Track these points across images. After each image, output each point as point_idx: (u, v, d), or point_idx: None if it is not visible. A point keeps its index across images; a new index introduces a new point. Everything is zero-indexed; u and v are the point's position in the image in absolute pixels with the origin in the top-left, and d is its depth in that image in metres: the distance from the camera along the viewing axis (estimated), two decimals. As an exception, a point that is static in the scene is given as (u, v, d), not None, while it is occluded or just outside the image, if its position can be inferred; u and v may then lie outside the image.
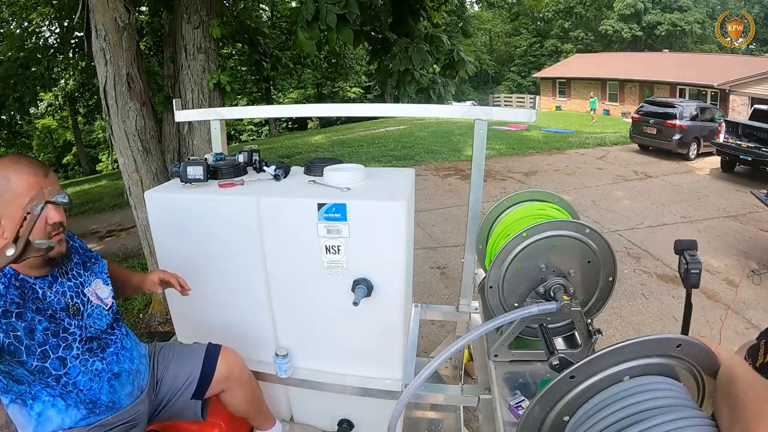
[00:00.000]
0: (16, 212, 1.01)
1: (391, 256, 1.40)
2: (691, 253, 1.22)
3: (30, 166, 1.06)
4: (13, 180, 1.03)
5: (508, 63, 37.42)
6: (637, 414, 0.61)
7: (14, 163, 1.05)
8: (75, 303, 1.20)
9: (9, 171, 1.04)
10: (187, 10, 3.82)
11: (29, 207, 0.97)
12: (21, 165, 1.05)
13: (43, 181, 1.06)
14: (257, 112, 2.24)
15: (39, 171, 1.07)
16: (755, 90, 16.46)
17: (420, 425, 2.01)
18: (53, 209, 1.06)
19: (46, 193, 0.98)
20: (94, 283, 1.28)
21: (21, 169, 1.05)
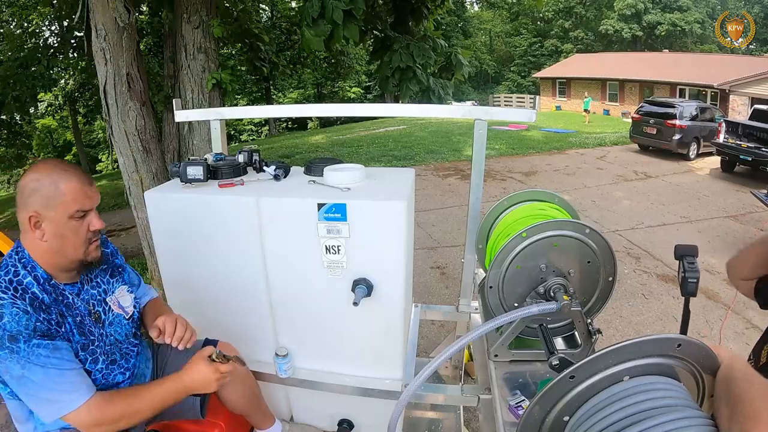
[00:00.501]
0: (60, 217, 1.05)
1: (391, 256, 1.40)
2: (690, 260, 1.20)
3: (77, 174, 1.09)
4: (61, 186, 1.05)
5: (508, 63, 37.42)
6: (637, 414, 0.61)
7: (62, 170, 1.07)
8: (96, 311, 1.20)
9: (57, 176, 1.06)
10: (187, 10, 3.82)
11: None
12: (69, 173, 1.08)
13: (88, 190, 1.10)
14: (257, 112, 2.24)
15: (85, 180, 1.10)
16: (755, 90, 16.46)
17: (420, 425, 2.01)
18: (95, 217, 1.12)
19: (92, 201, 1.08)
20: (117, 291, 1.29)
21: (69, 176, 1.07)
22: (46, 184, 1.05)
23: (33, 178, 1.05)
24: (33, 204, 1.05)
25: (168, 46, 5.42)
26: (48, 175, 1.05)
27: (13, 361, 0.98)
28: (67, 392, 1.03)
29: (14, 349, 0.98)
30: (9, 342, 0.97)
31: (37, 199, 1.05)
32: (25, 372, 0.99)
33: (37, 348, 1.00)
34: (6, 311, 0.99)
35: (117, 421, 1.07)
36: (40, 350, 1.00)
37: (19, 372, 0.99)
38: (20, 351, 0.98)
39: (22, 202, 1.06)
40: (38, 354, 1.00)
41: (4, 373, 1.00)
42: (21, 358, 0.98)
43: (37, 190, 1.05)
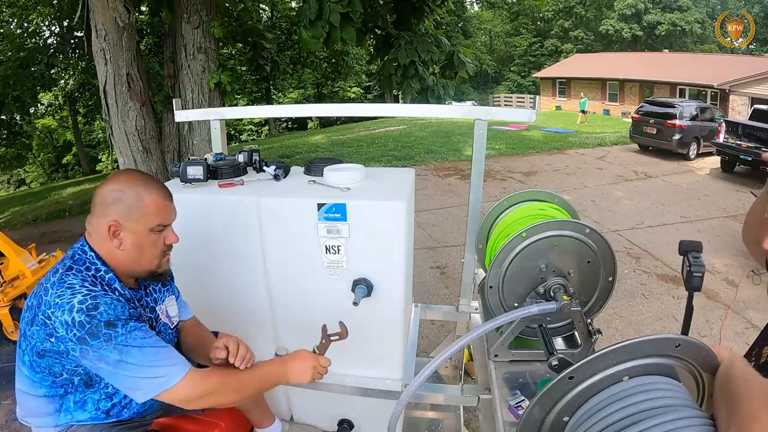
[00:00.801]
0: (141, 229, 1.09)
1: (391, 256, 1.40)
2: (695, 255, 1.20)
3: (160, 188, 1.13)
4: (145, 199, 1.08)
5: (508, 63, 37.43)
6: (637, 414, 0.61)
7: (146, 184, 1.10)
8: (149, 318, 1.22)
9: (141, 190, 1.09)
10: (187, 10, 3.83)
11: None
12: (152, 186, 1.11)
13: (170, 205, 1.15)
14: (257, 112, 2.24)
15: (167, 195, 1.15)
16: (755, 90, 16.46)
17: (420, 425, 2.01)
18: (172, 231, 1.16)
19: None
20: (167, 300, 1.31)
21: (152, 190, 1.10)
22: (130, 196, 1.07)
23: (116, 188, 1.08)
24: (114, 213, 1.07)
25: (168, 46, 5.43)
26: (132, 187, 1.08)
27: (110, 347, 0.99)
28: (167, 367, 1.04)
29: (112, 335, 0.99)
30: (106, 328, 0.99)
31: (119, 209, 1.07)
32: (123, 356, 1.00)
33: (134, 330, 1.02)
34: (101, 301, 1.00)
35: (210, 395, 1.08)
36: (137, 332, 1.02)
37: (116, 357, 0.99)
38: (118, 336, 1.00)
39: (101, 211, 1.08)
40: (135, 336, 1.02)
41: (97, 362, 1.00)
42: (119, 343, 0.99)
43: (120, 201, 1.07)
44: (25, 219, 8.01)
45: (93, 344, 0.98)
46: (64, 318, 0.97)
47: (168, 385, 1.03)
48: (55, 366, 1.05)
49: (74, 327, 0.97)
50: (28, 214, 8.38)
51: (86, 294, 1.00)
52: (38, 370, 1.06)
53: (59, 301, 0.99)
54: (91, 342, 0.98)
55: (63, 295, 0.99)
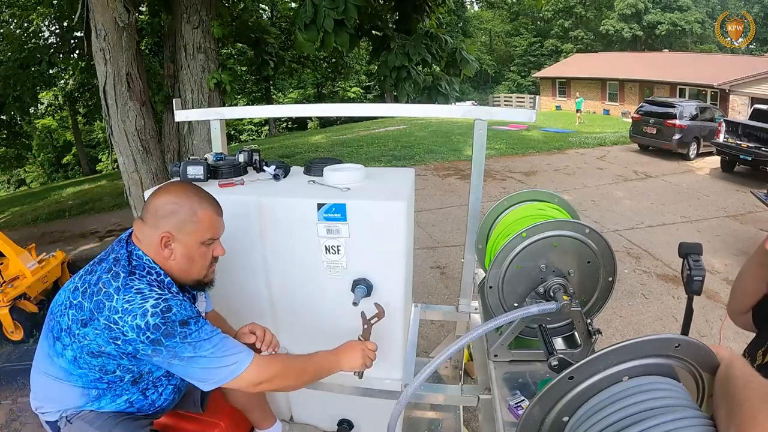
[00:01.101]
0: (193, 242, 1.13)
1: (391, 256, 1.40)
2: (695, 258, 1.18)
3: (212, 203, 1.17)
4: (199, 213, 1.13)
5: (508, 63, 37.43)
6: (637, 414, 0.61)
7: (200, 198, 1.14)
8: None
9: (196, 204, 1.13)
10: (187, 10, 3.83)
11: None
12: (205, 201, 1.15)
13: (221, 220, 1.19)
14: (257, 112, 2.24)
15: (219, 210, 1.19)
16: (755, 90, 16.46)
17: (420, 425, 2.01)
18: (220, 245, 1.21)
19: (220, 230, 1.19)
20: (199, 298, 1.35)
21: (205, 205, 1.14)
22: (185, 210, 1.11)
23: (171, 200, 1.11)
24: (167, 225, 1.11)
25: (168, 46, 5.43)
26: (187, 201, 1.12)
27: (185, 345, 1.03)
28: (235, 354, 1.09)
29: (187, 332, 1.04)
30: (181, 327, 1.03)
31: (172, 221, 1.11)
32: (197, 351, 1.05)
33: (204, 326, 1.08)
34: (172, 303, 1.05)
35: (275, 379, 1.13)
36: (206, 327, 1.08)
37: (191, 353, 1.04)
38: (192, 333, 1.04)
39: (154, 221, 1.11)
40: (205, 330, 1.07)
41: (171, 359, 1.04)
42: (193, 339, 1.04)
43: (175, 213, 1.11)
44: (25, 219, 8.01)
45: (168, 344, 1.02)
46: (136, 323, 1.01)
47: (238, 372, 1.08)
48: (109, 365, 1.08)
49: (148, 330, 1.01)
50: (28, 214, 8.38)
51: (157, 298, 1.04)
52: (84, 366, 1.09)
53: (129, 307, 1.01)
54: (166, 342, 1.02)
55: (133, 301, 1.02)
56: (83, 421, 1.17)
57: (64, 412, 1.18)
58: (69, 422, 1.18)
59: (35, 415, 1.23)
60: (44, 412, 1.20)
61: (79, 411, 1.17)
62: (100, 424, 1.16)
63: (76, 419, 1.17)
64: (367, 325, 1.37)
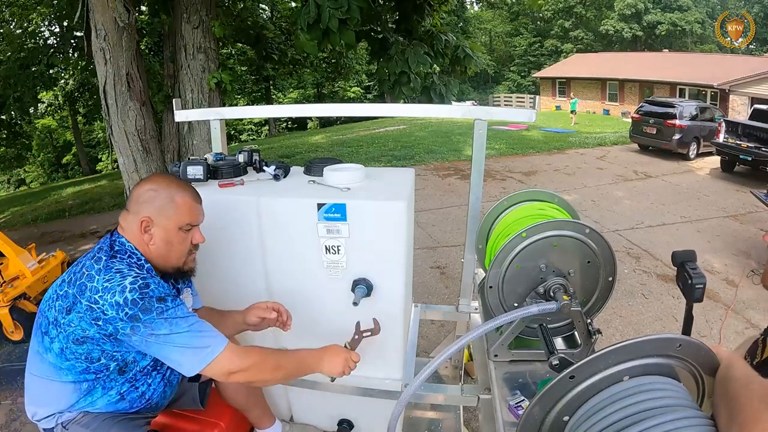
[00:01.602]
0: (171, 226, 1.16)
1: (391, 256, 1.40)
2: (692, 266, 1.17)
3: (191, 192, 1.21)
4: (177, 199, 1.17)
5: (508, 63, 37.42)
6: (637, 414, 0.61)
7: (179, 186, 1.19)
8: None
9: (174, 191, 1.17)
10: (187, 10, 3.83)
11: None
12: (183, 188, 1.19)
13: (199, 207, 1.23)
14: (257, 112, 2.24)
15: (197, 198, 1.23)
16: (755, 90, 16.47)
17: (420, 425, 2.01)
18: (199, 232, 1.24)
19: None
20: (184, 292, 1.36)
21: (184, 192, 1.19)
22: (163, 195, 1.16)
23: (151, 187, 1.16)
24: (146, 210, 1.15)
25: (168, 46, 5.43)
26: (165, 188, 1.16)
27: (161, 320, 1.05)
28: (210, 338, 1.10)
29: (163, 308, 1.06)
30: (158, 302, 1.06)
31: (152, 206, 1.15)
32: (173, 328, 1.06)
33: (180, 305, 1.10)
34: (150, 281, 1.08)
35: (250, 369, 1.13)
36: (183, 307, 1.11)
37: (167, 329, 1.05)
38: (168, 308, 1.07)
39: (135, 207, 1.16)
40: (182, 309, 1.10)
41: (148, 337, 1.05)
42: (169, 315, 1.06)
43: (154, 199, 1.15)
44: (25, 219, 8.01)
45: (145, 319, 1.03)
46: (115, 299, 1.03)
47: (213, 356, 1.08)
48: (94, 351, 1.09)
49: (126, 306, 1.03)
50: (28, 214, 8.38)
51: (136, 276, 1.07)
52: (70, 357, 1.10)
53: (109, 285, 1.04)
54: (143, 317, 1.03)
55: (113, 279, 1.05)
56: (79, 425, 1.16)
57: (59, 417, 1.17)
58: (65, 428, 1.17)
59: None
60: (40, 419, 1.19)
61: (73, 415, 1.17)
62: (96, 426, 1.16)
63: (72, 424, 1.17)
64: (358, 336, 1.36)
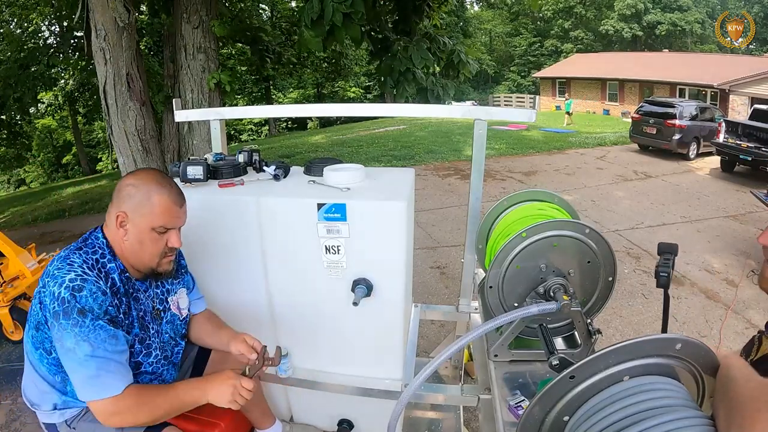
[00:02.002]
0: (144, 225, 1.12)
1: (391, 256, 1.40)
2: (666, 257, 1.29)
3: (171, 192, 1.15)
4: (153, 198, 1.12)
5: (508, 63, 37.42)
6: (637, 414, 0.61)
7: (159, 184, 1.14)
8: (158, 309, 1.26)
9: (153, 190, 1.12)
10: (187, 10, 3.83)
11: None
12: (164, 188, 1.14)
13: (178, 210, 1.17)
14: (257, 112, 2.24)
15: (177, 200, 1.16)
16: (755, 90, 16.47)
17: (420, 425, 2.01)
18: (176, 235, 1.18)
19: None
20: (179, 292, 1.35)
21: (163, 191, 1.13)
22: (141, 192, 1.12)
23: (131, 183, 1.13)
24: (124, 205, 1.12)
25: (168, 46, 5.43)
26: (145, 185, 1.12)
27: (72, 333, 1.01)
28: (106, 379, 1.05)
29: (79, 322, 1.02)
30: (77, 314, 1.02)
31: (129, 202, 1.12)
32: (75, 346, 1.02)
33: (99, 329, 1.04)
34: (87, 286, 1.04)
35: (136, 414, 1.08)
36: (101, 332, 1.04)
37: (71, 345, 1.02)
38: (84, 326, 1.02)
39: (116, 202, 1.14)
40: (97, 335, 1.03)
41: (57, 341, 1.03)
42: (80, 332, 1.01)
43: (132, 196, 1.12)
44: (25, 219, 8.00)
45: (62, 322, 1.01)
46: (53, 289, 1.02)
47: (100, 396, 1.04)
48: (45, 342, 1.09)
49: (57, 300, 1.02)
50: (28, 214, 8.37)
51: (78, 274, 1.04)
52: (37, 345, 1.10)
53: (56, 273, 1.04)
54: (61, 320, 1.01)
55: (62, 269, 1.05)
56: (86, 422, 1.16)
57: (63, 413, 1.17)
58: (71, 427, 1.17)
59: (35, 415, 1.23)
60: (36, 408, 1.20)
61: (77, 411, 1.17)
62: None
63: (79, 421, 1.17)
64: (260, 362, 1.25)
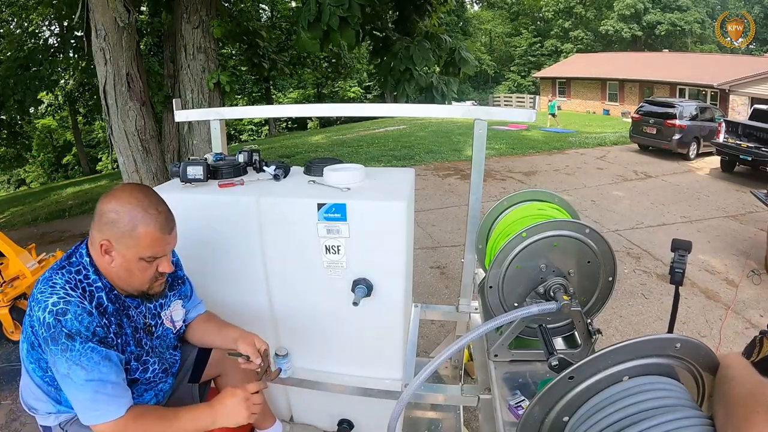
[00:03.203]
0: (131, 256, 1.05)
1: (391, 256, 1.40)
2: (681, 253, 1.29)
3: (158, 220, 1.06)
4: (139, 229, 1.03)
5: (508, 63, 37.40)
6: (637, 414, 0.61)
7: (145, 212, 1.04)
8: (150, 324, 1.22)
9: (138, 218, 1.03)
10: (187, 10, 3.83)
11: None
12: (150, 216, 1.04)
13: (167, 238, 1.08)
14: (257, 112, 2.24)
15: (165, 227, 1.07)
16: (755, 90, 16.47)
17: (420, 425, 2.01)
18: (166, 261, 1.11)
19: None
20: (173, 305, 1.31)
21: (149, 221, 1.04)
22: (125, 221, 1.03)
23: (113, 208, 1.04)
24: (107, 233, 1.04)
25: (168, 46, 5.43)
26: (129, 213, 1.03)
27: (63, 359, 0.99)
28: (105, 403, 1.02)
29: (69, 347, 0.98)
30: (66, 339, 0.98)
31: (111, 231, 1.04)
32: (70, 372, 0.99)
33: (90, 352, 1.00)
34: (71, 309, 1.00)
35: None
36: (93, 354, 1.00)
37: (65, 370, 1.00)
38: (74, 350, 0.99)
39: (98, 225, 1.06)
40: (89, 357, 1.00)
41: (52, 365, 1.02)
42: (71, 357, 0.98)
43: (114, 224, 1.03)
44: (25, 219, 8.00)
45: (52, 348, 0.99)
46: (38, 314, 1.00)
47: (100, 420, 1.02)
48: (41, 361, 1.06)
49: (43, 326, 0.99)
50: (28, 214, 8.37)
51: (61, 297, 1.00)
52: (32, 360, 1.08)
53: (40, 297, 1.01)
54: (51, 345, 0.99)
55: (44, 292, 1.02)
56: (78, 426, 1.14)
57: (57, 417, 1.16)
58: (64, 430, 1.17)
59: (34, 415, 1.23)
60: (33, 411, 1.19)
61: (72, 415, 1.16)
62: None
63: (72, 424, 1.16)
64: (264, 365, 1.23)
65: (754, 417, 0.53)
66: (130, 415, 1.05)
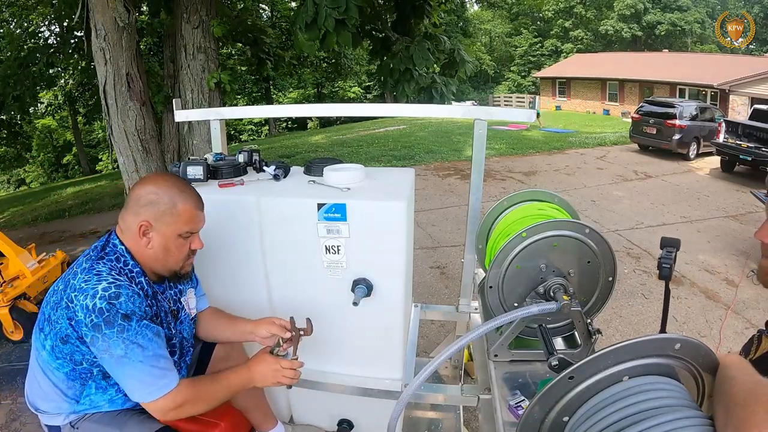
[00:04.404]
0: (170, 233, 1.13)
1: (391, 256, 1.40)
2: (669, 249, 1.31)
3: (193, 197, 1.17)
4: (179, 206, 1.13)
5: (508, 63, 37.41)
6: (637, 414, 0.61)
7: (182, 191, 1.14)
8: (174, 309, 1.27)
9: (176, 196, 1.13)
10: (187, 10, 3.83)
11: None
12: (186, 194, 1.15)
13: (201, 214, 1.20)
14: (257, 112, 2.24)
15: (199, 204, 1.19)
16: (755, 90, 16.47)
17: (420, 425, 2.01)
18: (198, 238, 1.21)
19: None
20: (188, 292, 1.36)
21: (186, 198, 1.14)
22: (165, 201, 1.12)
23: (152, 190, 1.12)
24: (146, 214, 1.11)
25: (168, 46, 5.43)
26: (167, 192, 1.12)
27: (120, 339, 1.02)
28: (161, 377, 1.07)
29: (126, 327, 1.02)
30: (122, 320, 1.02)
31: (152, 210, 1.11)
32: (127, 352, 1.03)
33: (145, 329, 1.06)
34: (123, 291, 1.04)
35: (195, 405, 1.12)
36: (147, 331, 1.06)
37: (122, 352, 1.02)
38: (131, 329, 1.03)
39: (135, 209, 1.12)
40: (145, 334, 1.05)
41: (104, 352, 1.03)
42: (129, 336, 1.02)
43: (154, 204, 1.11)
44: (25, 219, 8.00)
45: (106, 332, 1.01)
46: (86, 302, 1.01)
47: (160, 393, 1.06)
48: (76, 354, 1.08)
49: (93, 312, 1.01)
50: (28, 214, 8.37)
51: (111, 282, 1.04)
52: (59, 355, 1.09)
53: (85, 286, 1.03)
54: (105, 330, 1.01)
55: (90, 281, 1.04)
56: (90, 422, 1.16)
57: (67, 417, 1.17)
58: (74, 428, 1.17)
59: (35, 415, 1.23)
60: (40, 411, 1.19)
61: (81, 414, 1.17)
62: (108, 422, 1.16)
63: (82, 421, 1.16)
64: (296, 336, 1.31)
65: (754, 417, 0.53)
66: (182, 386, 1.10)
